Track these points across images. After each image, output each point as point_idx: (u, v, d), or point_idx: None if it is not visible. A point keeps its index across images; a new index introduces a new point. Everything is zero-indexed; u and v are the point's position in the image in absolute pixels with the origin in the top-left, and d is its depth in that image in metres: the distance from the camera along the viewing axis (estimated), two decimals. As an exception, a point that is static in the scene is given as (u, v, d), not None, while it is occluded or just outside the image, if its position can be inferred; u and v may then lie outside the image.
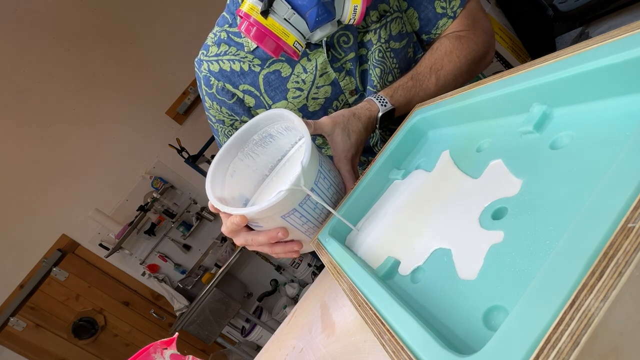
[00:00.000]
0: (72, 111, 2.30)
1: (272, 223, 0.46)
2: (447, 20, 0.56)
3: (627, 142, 0.18)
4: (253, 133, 0.53)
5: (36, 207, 2.27)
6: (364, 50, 0.57)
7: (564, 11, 1.10)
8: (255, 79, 0.60)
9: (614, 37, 0.22)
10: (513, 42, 1.46)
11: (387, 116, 0.52)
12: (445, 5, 0.55)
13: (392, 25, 0.56)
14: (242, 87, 0.61)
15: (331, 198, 0.49)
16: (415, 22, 0.58)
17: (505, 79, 0.32)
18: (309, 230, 0.49)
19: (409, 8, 0.56)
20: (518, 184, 0.27)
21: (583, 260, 0.15)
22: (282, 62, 0.59)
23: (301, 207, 0.45)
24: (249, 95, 0.62)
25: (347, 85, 0.59)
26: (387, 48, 0.57)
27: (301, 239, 0.50)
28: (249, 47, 0.58)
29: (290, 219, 0.46)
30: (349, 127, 0.50)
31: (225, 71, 0.61)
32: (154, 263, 2.49)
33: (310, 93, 0.59)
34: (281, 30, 0.44)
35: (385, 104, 0.52)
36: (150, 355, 0.40)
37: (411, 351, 0.22)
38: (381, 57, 0.57)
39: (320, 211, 0.49)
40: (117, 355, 2.37)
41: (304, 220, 0.47)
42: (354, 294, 0.31)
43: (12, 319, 2.16)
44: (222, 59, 0.60)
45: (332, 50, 0.56)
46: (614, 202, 0.16)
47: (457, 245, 0.29)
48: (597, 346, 0.14)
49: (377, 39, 0.56)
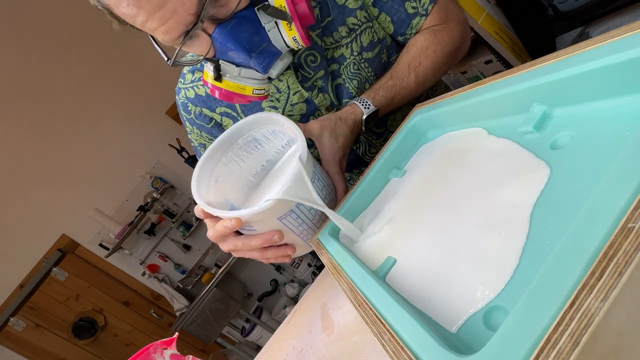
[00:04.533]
0: (72, 111, 2.30)
1: (267, 226, 0.44)
2: (420, 18, 0.56)
3: (627, 142, 0.18)
4: (238, 137, 0.52)
5: (36, 207, 2.27)
6: (336, 65, 0.58)
7: (564, 11, 1.09)
8: None
9: (614, 37, 0.22)
10: (513, 42, 1.46)
11: (371, 118, 0.53)
12: (416, 5, 0.55)
13: (362, 37, 0.57)
14: (219, 109, 0.63)
15: (324, 200, 0.49)
16: (389, 26, 0.58)
17: (505, 79, 0.32)
18: (303, 232, 0.48)
19: (380, 14, 0.57)
20: (518, 184, 0.27)
21: (583, 260, 0.15)
22: None
23: (298, 208, 0.45)
24: (227, 117, 0.63)
25: (321, 102, 0.60)
26: (360, 60, 0.58)
27: (295, 242, 0.49)
28: None
29: (287, 221, 0.45)
30: (336, 130, 0.51)
31: (201, 96, 0.62)
32: (154, 263, 2.49)
33: (285, 111, 0.61)
34: (237, 87, 0.49)
35: (369, 106, 0.53)
36: (150, 355, 0.40)
37: (411, 351, 0.22)
38: (356, 69, 0.58)
39: (316, 212, 0.48)
40: (117, 355, 2.37)
41: (299, 222, 0.46)
42: (354, 294, 0.31)
43: (12, 319, 2.16)
44: (197, 85, 0.62)
45: (301, 71, 0.58)
46: (614, 202, 0.16)
47: (457, 245, 0.29)
48: (597, 346, 0.14)
49: (350, 53, 0.57)
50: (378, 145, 0.66)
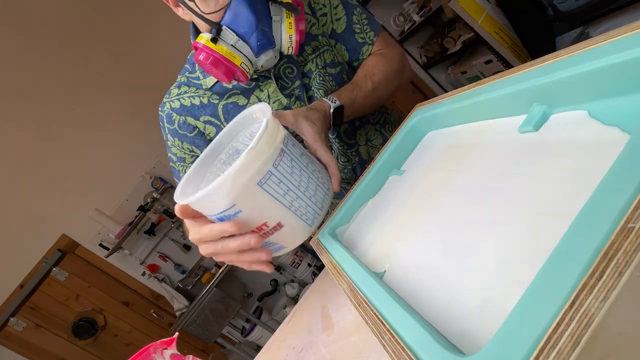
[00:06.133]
0: (72, 111, 2.30)
1: (251, 201, 0.39)
2: (367, 47, 0.70)
3: (627, 142, 0.18)
4: (220, 152, 0.50)
5: (36, 207, 2.27)
6: (307, 79, 0.67)
7: (564, 11, 1.09)
8: (215, 110, 0.67)
9: (614, 37, 0.22)
10: (513, 42, 1.46)
11: (337, 113, 0.58)
12: (363, 36, 0.69)
13: (325, 55, 0.67)
14: (202, 118, 0.67)
15: (317, 183, 0.46)
16: (345, 54, 0.70)
17: (505, 79, 0.32)
18: (295, 204, 0.43)
19: (337, 43, 0.69)
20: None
21: (583, 260, 0.15)
22: (238, 95, 0.66)
23: (276, 168, 0.40)
24: (210, 125, 0.68)
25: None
26: (325, 73, 0.67)
27: (287, 220, 0.43)
28: (207, 85, 0.66)
29: (269, 187, 0.40)
30: (310, 116, 0.53)
31: (186, 106, 0.67)
32: (154, 263, 2.48)
33: None
34: (228, 53, 0.52)
35: (335, 102, 0.58)
36: (150, 355, 0.40)
37: (411, 351, 0.22)
38: (322, 80, 0.67)
39: (306, 178, 0.44)
40: (117, 355, 2.37)
41: (284, 188, 0.41)
42: (354, 294, 0.31)
43: (12, 319, 2.16)
44: (183, 97, 0.68)
45: (281, 81, 0.65)
46: (614, 202, 0.16)
47: (456, 244, 0.29)
48: (597, 346, 0.14)
49: (315, 66, 0.67)
50: (350, 155, 0.73)
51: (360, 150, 0.73)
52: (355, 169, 0.73)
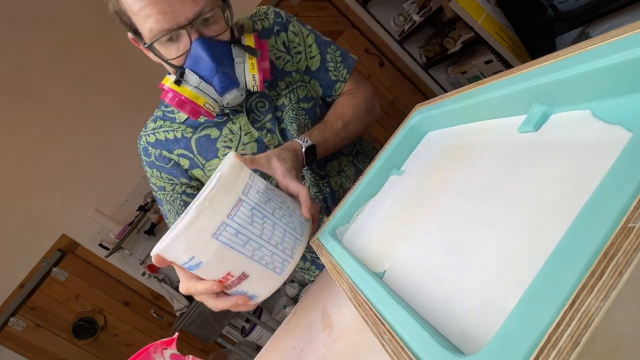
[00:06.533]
0: (72, 111, 2.30)
1: (208, 253, 0.39)
2: (340, 84, 0.74)
3: (627, 142, 0.18)
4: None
5: (36, 207, 2.27)
6: (279, 112, 0.69)
7: (564, 11, 1.09)
8: (188, 143, 0.69)
9: (614, 37, 0.22)
10: (513, 42, 1.46)
11: (310, 152, 0.61)
12: (337, 74, 0.73)
13: (298, 90, 0.70)
14: (176, 151, 0.70)
15: (292, 217, 0.46)
16: (318, 90, 0.74)
17: (505, 79, 0.32)
18: (258, 254, 0.42)
19: (311, 79, 0.73)
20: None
21: (583, 260, 0.15)
22: (211, 127, 0.69)
23: (231, 219, 0.40)
24: (184, 158, 0.70)
25: (270, 142, 0.69)
26: (298, 107, 0.70)
27: (252, 271, 0.42)
28: (180, 119, 0.69)
29: (226, 238, 0.40)
30: (281, 155, 0.56)
31: (161, 140, 0.71)
32: (154, 263, 2.48)
33: (238, 150, 0.69)
34: (192, 94, 0.55)
35: (306, 141, 0.61)
36: (150, 355, 0.40)
37: (411, 351, 0.22)
38: (295, 115, 0.70)
39: (262, 225, 0.42)
40: (117, 355, 2.36)
41: (243, 239, 0.41)
42: (354, 294, 0.31)
43: (12, 319, 2.16)
44: (158, 131, 0.71)
45: (252, 114, 0.68)
46: (614, 202, 0.16)
47: (456, 244, 0.29)
48: (597, 346, 0.14)
49: (289, 101, 0.69)
50: (321, 185, 0.75)
51: (331, 181, 0.76)
52: (327, 199, 0.76)
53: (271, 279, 0.44)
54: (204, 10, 0.51)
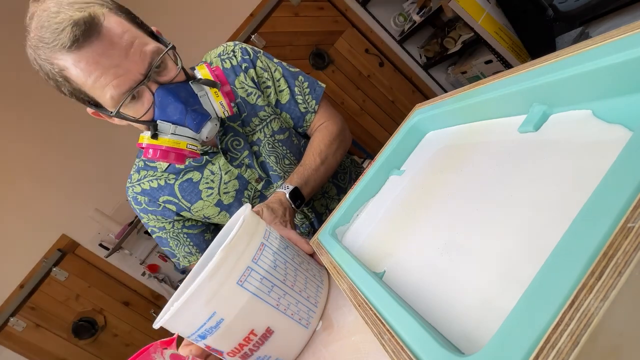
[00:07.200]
0: (72, 111, 2.30)
1: (231, 304, 0.36)
2: (311, 115, 0.76)
3: (627, 142, 0.18)
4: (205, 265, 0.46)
5: (36, 207, 2.27)
6: (256, 147, 0.72)
7: (564, 11, 1.09)
8: (172, 190, 0.72)
9: (614, 37, 0.22)
10: (513, 42, 1.46)
11: (295, 195, 0.64)
12: (306, 106, 0.75)
13: (272, 124, 0.72)
14: (162, 198, 0.73)
15: (299, 264, 0.44)
16: (290, 121, 0.76)
17: (505, 79, 0.32)
18: (282, 301, 0.39)
19: (282, 112, 0.75)
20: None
21: (583, 260, 0.15)
22: (192, 171, 0.71)
23: (256, 263, 0.38)
24: (169, 204, 0.73)
25: (250, 176, 0.72)
26: (274, 140, 0.73)
27: (279, 323, 0.39)
28: (162, 167, 0.72)
29: (250, 285, 0.37)
30: (269, 206, 0.60)
31: (146, 190, 0.73)
32: (154, 263, 2.48)
33: (220, 189, 0.71)
34: (172, 142, 0.56)
35: (287, 187, 0.64)
36: (150, 355, 0.40)
37: (411, 351, 0.22)
38: (271, 148, 0.72)
39: (285, 270, 0.41)
40: (117, 355, 2.36)
41: (268, 285, 0.38)
42: (354, 294, 0.31)
43: (12, 319, 2.16)
44: (143, 182, 0.73)
45: (229, 153, 0.70)
46: (614, 202, 0.16)
47: (456, 244, 0.29)
48: (597, 346, 0.14)
49: (264, 135, 0.72)
50: (306, 211, 0.78)
51: (315, 205, 0.79)
52: (313, 223, 0.79)
53: (298, 334, 0.41)
54: (153, 60, 0.52)
